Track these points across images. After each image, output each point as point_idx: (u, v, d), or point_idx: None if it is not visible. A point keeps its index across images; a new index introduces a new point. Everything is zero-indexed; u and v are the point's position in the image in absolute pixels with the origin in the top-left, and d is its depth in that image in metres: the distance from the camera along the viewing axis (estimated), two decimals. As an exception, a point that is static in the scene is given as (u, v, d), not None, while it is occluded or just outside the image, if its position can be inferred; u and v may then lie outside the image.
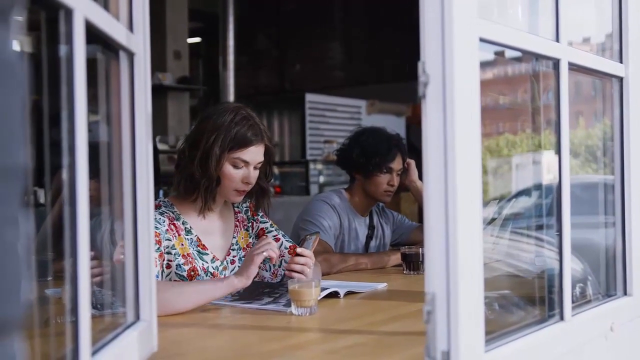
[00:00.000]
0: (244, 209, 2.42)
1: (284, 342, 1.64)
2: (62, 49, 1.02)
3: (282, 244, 2.35)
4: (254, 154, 2.20)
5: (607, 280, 1.87)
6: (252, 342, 1.63)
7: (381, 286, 2.35)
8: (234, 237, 2.35)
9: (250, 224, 2.41)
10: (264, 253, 2.01)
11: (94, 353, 1.10)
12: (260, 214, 2.44)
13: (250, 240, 2.38)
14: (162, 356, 1.45)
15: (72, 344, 1.01)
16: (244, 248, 2.35)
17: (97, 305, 1.38)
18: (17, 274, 0.54)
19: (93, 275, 1.40)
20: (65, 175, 1.01)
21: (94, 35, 1.11)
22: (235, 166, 2.19)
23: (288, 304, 1.91)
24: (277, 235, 2.39)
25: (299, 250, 2.19)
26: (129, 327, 1.34)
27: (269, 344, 1.61)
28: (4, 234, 0.53)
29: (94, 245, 1.09)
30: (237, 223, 2.38)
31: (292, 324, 1.80)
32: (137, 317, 1.38)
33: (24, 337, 0.61)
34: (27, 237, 0.56)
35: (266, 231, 2.40)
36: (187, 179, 2.19)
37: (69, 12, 1.00)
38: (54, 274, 1.38)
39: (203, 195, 2.19)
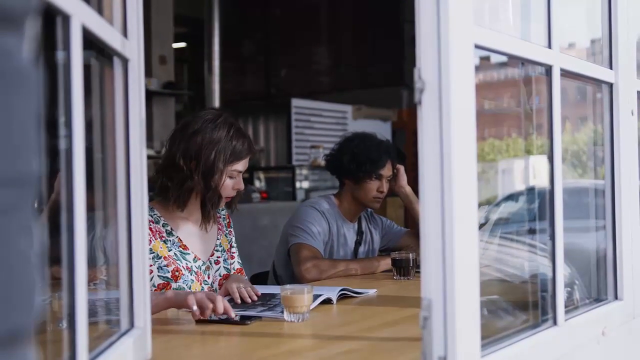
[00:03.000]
0: (223, 216, 2.51)
1: (278, 348, 1.63)
2: (59, 55, 1.01)
3: (233, 263, 2.47)
4: (246, 163, 2.33)
5: (598, 284, 1.88)
6: (246, 349, 1.63)
7: (372, 292, 2.35)
8: (218, 239, 2.43)
9: (228, 231, 2.52)
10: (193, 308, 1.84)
11: (90, 361, 1.09)
12: (231, 227, 2.55)
13: (229, 245, 2.48)
14: (156, 363, 1.44)
15: (69, 351, 1.01)
16: (227, 250, 2.45)
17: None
18: (31, 283, 0.54)
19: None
20: (62, 181, 1.00)
21: (89, 41, 1.11)
22: (231, 177, 2.29)
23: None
24: (234, 253, 2.51)
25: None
26: (123, 334, 1.33)
27: (262, 350, 1.61)
28: (18, 242, 0.52)
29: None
30: (220, 226, 2.47)
31: (284, 331, 1.80)
32: (132, 325, 1.37)
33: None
34: (40, 245, 0.56)
35: (232, 245, 2.52)
36: (187, 193, 2.26)
37: (66, 19, 0.99)
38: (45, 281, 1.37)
39: (211, 208, 2.29)
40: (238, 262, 2.51)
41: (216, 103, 8.74)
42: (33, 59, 0.58)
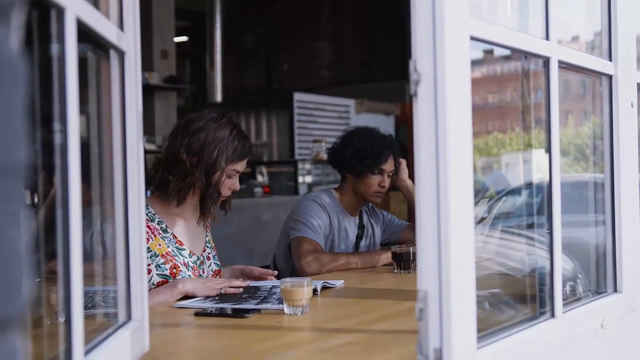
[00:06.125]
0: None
1: (276, 341, 1.63)
2: (53, 48, 1.01)
3: (210, 265, 2.45)
4: (244, 164, 2.36)
5: (597, 277, 1.88)
6: (244, 342, 1.63)
7: (339, 283, 2.37)
8: (207, 236, 2.47)
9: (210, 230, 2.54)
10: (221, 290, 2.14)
11: (87, 353, 1.09)
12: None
13: (213, 243, 2.52)
14: (154, 356, 1.44)
15: (65, 344, 1.01)
16: (213, 247, 2.49)
17: (86, 305, 1.37)
18: (19, 272, 0.54)
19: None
20: (57, 176, 1.00)
21: (84, 34, 1.11)
22: (229, 176, 2.32)
23: (281, 301, 1.90)
24: (215, 253, 2.50)
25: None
26: (120, 326, 1.33)
27: (261, 343, 1.61)
28: (6, 231, 0.53)
29: (83, 245, 1.09)
30: (208, 224, 2.49)
31: (283, 324, 1.80)
32: (129, 317, 1.37)
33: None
34: (28, 234, 0.56)
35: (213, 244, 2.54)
36: (188, 188, 2.28)
37: (60, 11, 0.99)
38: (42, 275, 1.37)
39: (210, 205, 2.31)
40: (216, 263, 2.52)
41: (218, 97, 8.74)
42: (20, 50, 0.58)
